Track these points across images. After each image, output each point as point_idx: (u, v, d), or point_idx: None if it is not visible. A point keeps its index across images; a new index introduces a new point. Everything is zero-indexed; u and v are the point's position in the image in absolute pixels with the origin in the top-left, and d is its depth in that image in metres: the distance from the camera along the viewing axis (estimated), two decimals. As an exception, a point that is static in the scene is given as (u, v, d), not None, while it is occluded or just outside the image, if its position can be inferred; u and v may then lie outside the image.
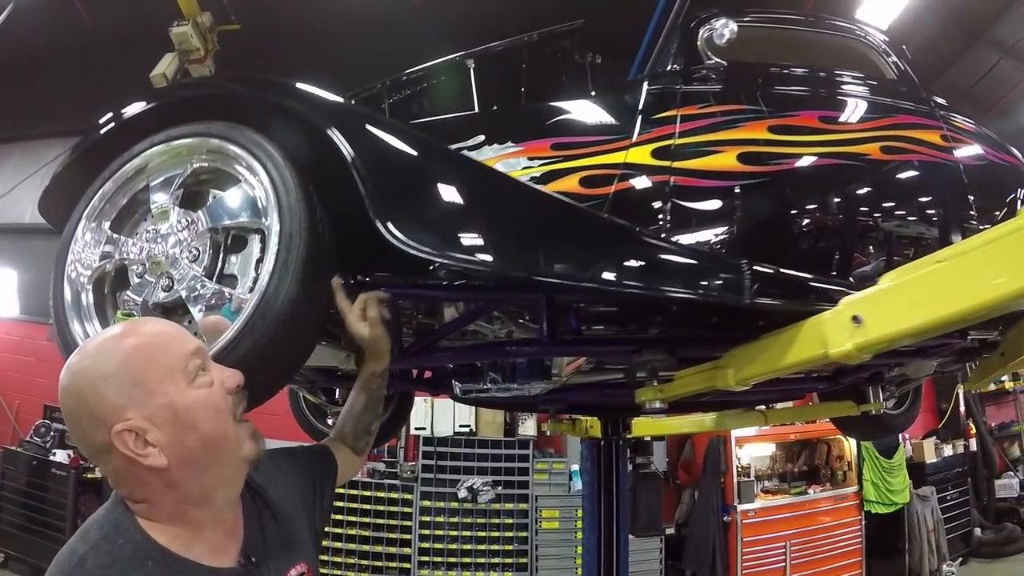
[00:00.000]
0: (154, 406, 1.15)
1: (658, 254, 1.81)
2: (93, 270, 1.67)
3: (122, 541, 1.13)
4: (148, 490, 1.17)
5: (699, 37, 2.31)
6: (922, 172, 2.39)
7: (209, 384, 1.22)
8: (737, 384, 1.82)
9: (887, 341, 1.50)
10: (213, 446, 1.20)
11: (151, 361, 1.17)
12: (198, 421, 1.18)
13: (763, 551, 7.50)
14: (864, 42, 2.76)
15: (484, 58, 2.69)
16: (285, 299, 1.43)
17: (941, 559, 8.54)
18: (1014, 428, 11.71)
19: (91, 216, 1.71)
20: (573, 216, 1.78)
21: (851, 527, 8.22)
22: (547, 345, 1.89)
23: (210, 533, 1.23)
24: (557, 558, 7.21)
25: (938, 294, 1.44)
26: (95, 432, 1.14)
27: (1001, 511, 10.28)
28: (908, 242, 2.32)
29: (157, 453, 1.14)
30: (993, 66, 8.51)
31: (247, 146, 1.59)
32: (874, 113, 2.40)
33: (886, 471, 8.43)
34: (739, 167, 2.10)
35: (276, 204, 1.50)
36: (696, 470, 8.13)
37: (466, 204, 1.66)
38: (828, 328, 1.57)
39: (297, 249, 1.46)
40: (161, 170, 1.70)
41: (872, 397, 3.87)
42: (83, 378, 1.16)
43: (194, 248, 1.58)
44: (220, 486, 1.25)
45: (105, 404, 1.13)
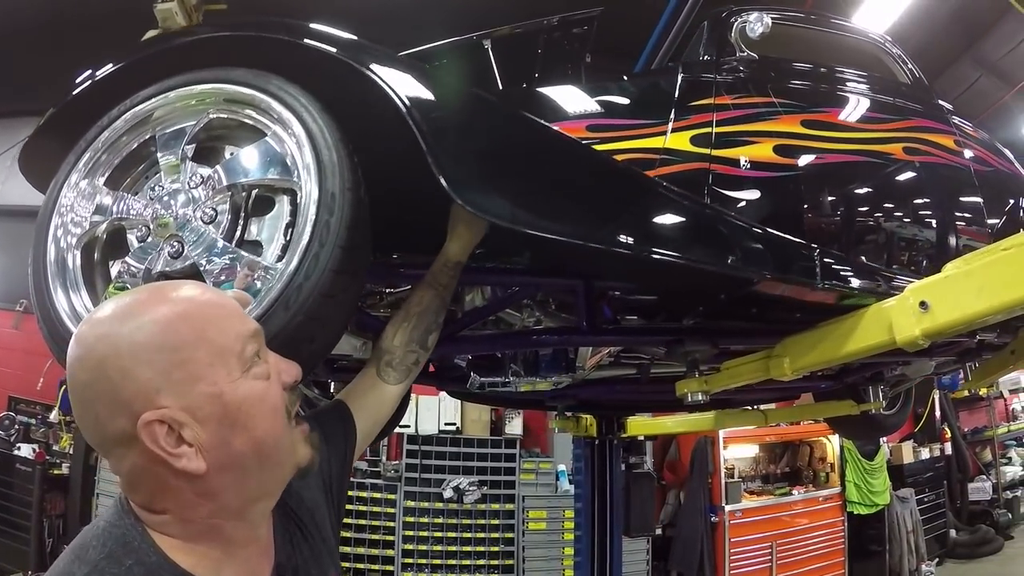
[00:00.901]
0: (198, 395, 0.91)
1: (741, 236, 1.76)
2: (83, 231, 1.44)
3: (131, 562, 0.90)
4: (174, 499, 0.93)
5: (732, 29, 2.31)
6: (940, 173, 2.46)
7: (266, 376, 0.99)
8: (793, 373, 1.79)
9: (954, 326, 1.53)
10: (264, 452, 0.97)
11: (201, 337, 0.93)
12: (251, 420, 0.95)
13: (750, 551, 7.53)
14: (881, 47, 2.82)
15: (501, 40, 2.62)
16: (327, 269, 1.25)
17: (920, 559, 8.71)
18: (987, 433, 12.00)
19: (84, 169, 1.48)
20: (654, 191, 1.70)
21: (834, 527, 8.31)
22: (587, 334, 1.83)
23: (243, 553, 1.01)
24: (544, 559, 7.16)
25: (1005, 280, 1.48)
26: (114, 418, 0.90)
27: (974, 513, 10.55)
28: (929, 238, 2.37)
29: (194, 454, 0.90)
30: (974, 82, 8.72)
31: (278, 95, 1.39)
32: (895, 115, 2.46)
33: (868, 473, 8.55)
34: (776, 159, 2.10)
35: (315, 160, 1.32)
36: (682, 471, 8.14)
37: (540, 169, 1.54)
38: (895, 314, 1.58)
39: (341, 211, 1.29)
40: (170, 120, 1.47)
41: (872, 396, 3.93)
42: (108, 346, 0.91)
43: (210, 208, 1.37)
44: (263, 498, 1.03)
45: (134, 384, 0.89)
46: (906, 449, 9.82)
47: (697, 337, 1.95)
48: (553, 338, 2.12)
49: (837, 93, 2.42)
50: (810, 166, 2.16)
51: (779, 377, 1.83)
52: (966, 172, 2.53)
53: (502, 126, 1.58)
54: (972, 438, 11.94)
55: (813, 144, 2.18)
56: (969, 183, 2.52)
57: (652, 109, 2.09)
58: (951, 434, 10.96)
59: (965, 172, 2.53)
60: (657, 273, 1.66)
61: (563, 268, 1.85)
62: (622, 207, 1.54)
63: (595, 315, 1.84)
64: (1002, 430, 12.27)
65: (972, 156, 2.60)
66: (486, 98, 1.62)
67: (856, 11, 6.67)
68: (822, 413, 4.52)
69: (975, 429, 12.19)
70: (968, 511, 10.57)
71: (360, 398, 1.47)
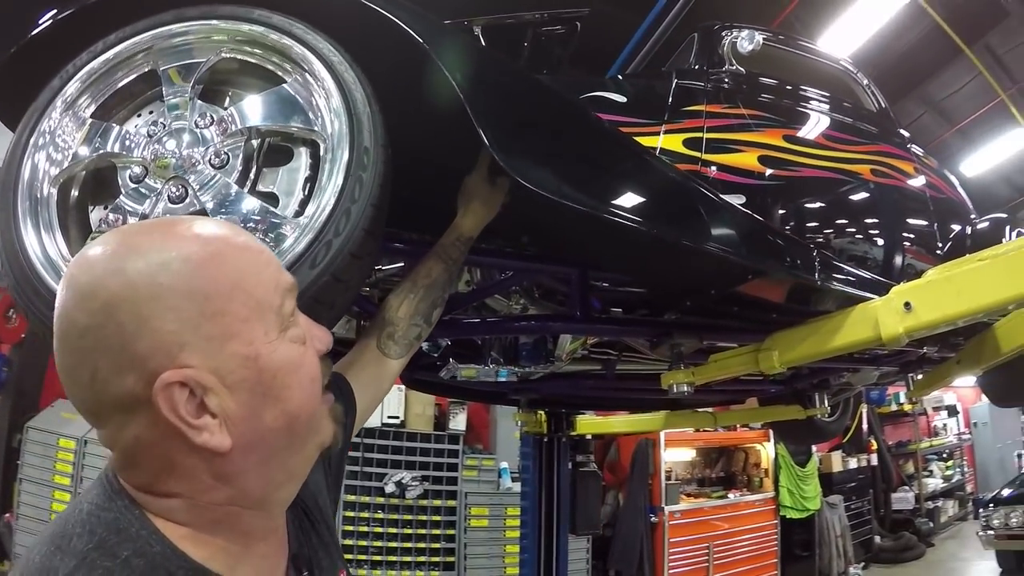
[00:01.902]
0: (230, 356, 0.74)
1: (755, 230, 1.83)
2: (66, 164, 1.28)
3: (128, 553, 0.72)
4: (185, 481, 0.76)
5: (723, 42, 2.41)
6: (901, 196, 2.64)
7: (302, 340, 0.83)
8: (781, 366, 1.86)
9: (934, 325, 1.65)
10: (295, 430, 0.81)
11: (237, 285, 0.76)
12: (286, 391, 0.79)
13: (688, 551, 7.67)
14: (852, 76, 2.99)
15: (491, 28, 2.63)
16: (358, 227, 1.17)
17: (848, 562, 9.17)
18: (910, 447, 12.62)
19: (69, 98, 1.32)
20: (682, 181, 1.74)
21: (768, 530, 8.58)
22: (581, 322, 1.85)
23: (261, 547, 0.85)
24: (486, 557, 7.14)
25: (980, 286, 1.61)
26: (119, 376, 0.71)
27: (897, 521, 11.12)
28: (880, 255, 2.51)
29: (217, 427, 0.74)
30: (918, 118, 9.28)
31: (304, 41, 1.29)
32: (864, 139, 2.60)
33: (800, 479, 8.89)
34: (759, 168, 2.18)
35: (346, 112, 1.23)
36: (621, 472, 8.25)
37: (581, 145, 1.53)
38: (880, 313, 1.70)
39: (374, 167, 1.21)
40: (175, 55, 1.33)
41: (818, 402, 4.09)
42: (122, 284, 0.71)
43: (223, 152, 1.24)
44: (286, 482, 0.86)
45: (153, 336, 0.71)
46: (835, 458, 10.29)
47: (685, 330, 2.00)
48: (549, 324, 2.15)
49: (815, 113, 2.54)
50: (789, 178, 2.26)
51: (768, 370, 1.90)
52: (923, 196, 2.72)
53: (546, 101, 1.56)
54: (896, 451, 12.59)
55: (793, 158, 2.28)
56: (924, 207, 2.71)
57: (648, 109, 2.15)
58: (877, 446, 11.54)
59: (922, 196, 2.72)
60: (668, 261, 1.70)
61: (558, 255, 1.87)
62: (654, 193, 1.58)
63: (587, 304, 1.87)
64: (924, 444, 12.97)
65: (928, 183, 2.79)
66: (530, 74, 1.63)
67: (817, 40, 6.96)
68: (771, 417, 4.67)
69: (899, 442, 12.84)
70: (892, 519, 11.16)
71: (360, 372, 1.36)
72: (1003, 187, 11.83)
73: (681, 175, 1.74)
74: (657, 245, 1.52)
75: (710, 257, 1.55)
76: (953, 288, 1.61)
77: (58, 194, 1.27)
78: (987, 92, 8.78)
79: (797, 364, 1.93)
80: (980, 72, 8.37)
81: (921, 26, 7.60)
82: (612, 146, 1.60)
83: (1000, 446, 14.03)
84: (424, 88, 1.31)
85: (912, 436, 12.89)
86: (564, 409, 4.62)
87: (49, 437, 5.86)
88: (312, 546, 0.98)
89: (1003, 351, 2.50)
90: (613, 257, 1.85)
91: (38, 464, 5.86)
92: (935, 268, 1.78)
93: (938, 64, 8.42)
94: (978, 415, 14.56)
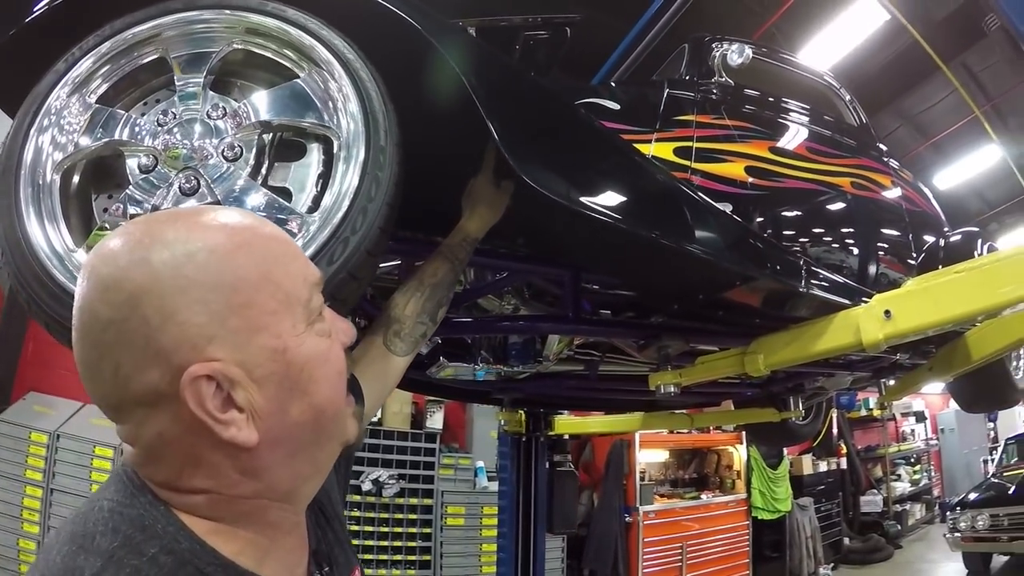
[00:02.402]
0: (258, 349, 0.73)
1: (746, 238, 1.89)
2: (67, 154, 1.24)
3: (155, 550, 0.70)
4: (211, 476, 0.74)
5: (714, 54, 2.47)
6: (878, 208, 2.73)
7: (328, 334, 0.82)
8: (767, 369, 1.92)
9: (912, 332, 1.74)
10: (322, 424, 0.80)
11: (265, 277, 0.75)
12: (313, 385, 0.77)
13: (661, 551, 7.76)
14: (835, 91, 3.08)
15: (486, 29, 2.65)
16: (374, 225, 1.18)
17: (817, 563, 9.36)
18: (879, 451, 12.89)
19: (74, 81, 1.28)
20: (682, 191, 1.79)
21: (740, 531, 8.71)
22: (572, 323, 1.90)
23: (287, 541, 0.83)
24: (462, 556, 7.15)
25: (957, 297, 1.69)
26: (143, 371, 0.69)
27: (866, 524, 11.36)
28: (855, 264, 2.58)
29: (244, 422, 0.72)
30: (893, 131, 9.53)
31: (320, 36, 1.28)
32: (846, 152, 2.69)
33: (772, 481, 9.04)
34: (746, 178, 2.25)
35: (362, 111, 1.24)
36: (596, 472, 8.31)
37: (585, 149, 1.57)
38: (862, 320, 1.78)
39: (390, 167, 1.22)
40: (184, 44, 1.31)
41: (792, 405, 4.17)
42: (147, 276, 0.70)
43: (237, 144, 1.23)
44: (312, 476, 0.86)
45: (179, 329, 0.69)
46: (806, 461, 10.49)
47: (674, 333, 2.05)
48: (543, 324, 2.19)
49: (799, 126, 2.62)
50: (774, 188, 2.33)
51: (753, 373, 1.96)
52: (899, 209, 2.82)
53: (551, 105, 1.58)
54: (865, 455, 12.85)
55: (778, 169, 2.35)
56: (900, 219, 2.80)
57: (641, 117, 2.21)
58: (846, 450, 11.77)
59: (898, 209, 2.82)
60: (663, 265, 1.75)
61: (553, 256, 1.92)
62: (655, 201, 1.63)
63: (579, 305, 1.92)
64: (893, 449, 13.26)
65: (904, 196, 2.89)
66: (539, 80, 1.65)
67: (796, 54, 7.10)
68: (746, 419, 4.75)
69: (868, 447, 13.11)
70: (860, 521, 11.41)
71: (366, 368, 1.35)
72: (975, 201, 12.14)
73: (679, 184, 1.80)
74: (655, 250, 1.57)
75: (704, 262, 1.61)
76: (931, 298, 1.69)
77: (61, 181, 1.23)
78: (962, 108, 9.03)
79: (781, 367, 1.99)
80: (956, 88, 8.60)
81: (900, 41, 7.78)
82: (614, 152, 1.64)
83: (967, 452, 14.37)
84: (433, 85, 1.32)
85: (881, 441, 13.18)
86: (544, 409, 4.67)
87: (21, 431, 5.76)
88: (328, 542, 0.96)
89: (973, 359, 2.58)
90: (609, 260, 1.89)
91: (9, 459, 5.71)
92: (914, 279, 1.85)
93: (915, 79, 8.64)
94: (945, 421, 14.90)
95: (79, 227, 1.25)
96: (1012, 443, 10.36)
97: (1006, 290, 1.64)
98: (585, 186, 1.44)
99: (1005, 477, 8.94)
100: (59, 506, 5.37)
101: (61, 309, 1.12)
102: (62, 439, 5.59)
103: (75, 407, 5.79)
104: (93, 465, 5.53)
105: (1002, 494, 8.22)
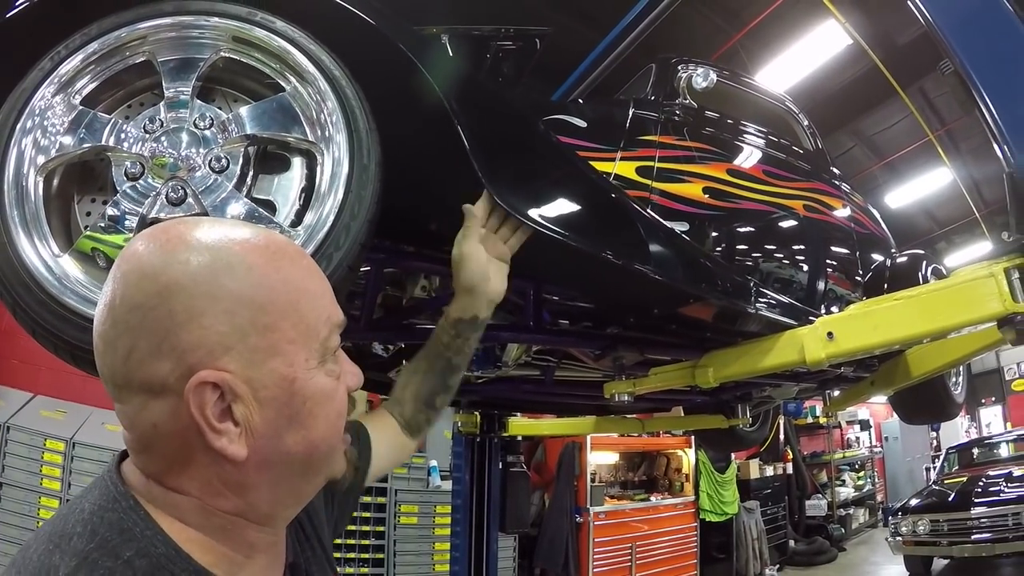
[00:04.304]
0: (269, 372, 0.75)
1: (700, 260, 1.98)
2: (54, 153, 1.22)
3: (131, 553, 0.71)
4: (197, 478, 0.76)
5: (680, 76, 2.55)
6: (829, 232, 2.85)
7: (337, 376, 0.83)
8: (716, 381, 2.01)
9: (853, 353, 1.86)
10: (314, 460, 0.82)
11: (293, 307, 0.78)
12: (312, 420, 0.79)
13: (612, 551, 7.88)
14: (793, 116, 3.20)
15: (459, 37, 2.67)
16: (356, 242, 1.21)
17: (764, 564, 9.62)
18: (824, 457, 13.23)
19: (60, 80, 1.25)
20: (629, 209, 1.85)
21: (688, 532, 8.89)
22: (534, 332, 1.96)
23: (262, 559, 0.85)
24: (415, 554, 7.15)
25: (894, 322, 1.81)
26: (155, 360, 0.72)
27: (811, 527, 11.67)
28: (815, 284, 2.69)
29: (237, 436, 0.74)
30: (848, 150, 9.93)
31: (306, 50, 1.28)
32: (800, 176, 2.80)
33: (720, 484, 9.25)
34: (703, 198, 2.33)
35: (346, 128, 1.25)
36: (547, 473, 8.40)
37: (555, 176, 1.62)
38: (806, 340, 1.90)
39: (372, 185, 1.24)
40: (171, 48, 1.29)
41: (740, 413, 4.29)
42: (185, 275, 0.73)
43: (223, 156, 1.23)
44: (293, 505, 0.87)
45: (201, 332, 0.72)
46: (753, 466, 10.74)
47: (629, 344, 2.13)
48: (504, 334, 2.23)
49: (757, 150, 2.72)
50: (730, 209, 2.42)
51: (704, 385, 2.06)
52: (848, 231, 2.95)
53: (531, 139, 1.65)
54: (811, 461, 13.20)
55: (734, 191, 2.44)
56: (850, 242, 2.94)
57: (606, 136, 2.27)
58: (793, 456, 12.06)
59: (848, 230, 2.95)
60: (624, 284, 1.81)
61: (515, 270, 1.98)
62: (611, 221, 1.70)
63: (541, 315, 1.98)
64: (838, 455, 13.64)
65: (853, 218, 3.03)
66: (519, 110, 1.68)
67: (760, 71, 7.27)
68: (695, 425, 4.88)
69: (814, 453, 13.46)
70: (805, 524, 11.72)
71: (380, 431, 1.33)
72: (924, 220, 12.57)
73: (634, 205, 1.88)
74: (610, 268, 1.63)
75: (656, 282, 1.69)
76: (870, 323, 1.81)
77: (44, 184, 1.22)
78: (917, 131, 9.39)
79: (731, 380, 2.09)
80: (912, 113, 8.89)
81: (861, 64, 8.02)
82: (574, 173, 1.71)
83: (909, 459, 14.86)
84: (410, 98, 1.34)
85: (826, 447, 13.54)
86: (499, 411, 4.73)
87: (35, 438, 5.42)
88: (307, 558, 0.97)
89: (913, 375, 2.72)
90: (568, 276, 1.96)
91: (23, 467, 5.35)
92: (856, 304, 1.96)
93: (874, 101, 8.94)
94: (889, 430, 15.38)
95: (60, 230, 1.24)
96: (954, 452, 10.73)
97: (937, 319, 1.75)
98: (546, 206, 1.49)
99: (946, 484, 9.24)
100: (8, 500, 5.23)
101: (47, 314, 1.14)
102: (12, 431, 5.41)
103: (25, 398, 5.63)
104: (43, 459, 5.35)
105: (942, 500, 8.50)
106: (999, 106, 1.70)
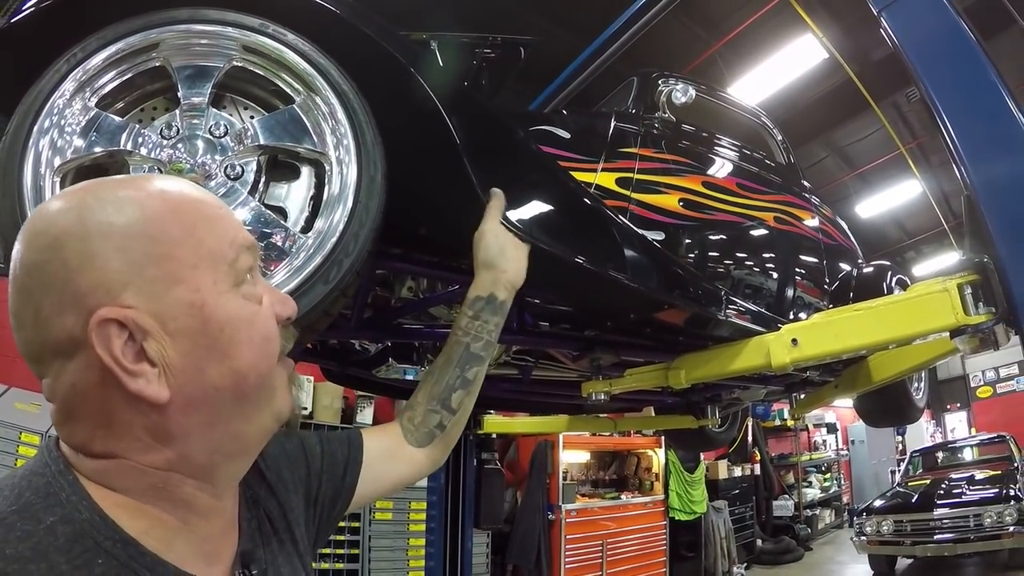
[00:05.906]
0: (174, 301, 0.72)
1: (675, 269, 2.07)
2: (71, 155, 1.23)
3: (54, 519, 0.68)
4: (123, 437, 0.72)
5: (660, 90, 2.65)
6: (798, 242, 2.97)
7: (258, 300, 0.80)
8: (687, 382, 2.13)
9: (815, 358, 1.97)
10: (243, 391, 0.77)
11: (189, 233, 0.74)
12: (234, 347, 0.75)
13: (583, 548, 8.01)
14: (767, 130, 3.31)
15: (447, 44, 2.73)
16: (363, 249, 1.26)
17: (731, 562, 9.85)
18: (791, 459, 13.50)
19: (76, 82, 1.26)
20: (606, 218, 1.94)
21: (658, 530, 9.08)
22: (516, 333, 2.05)
23: (203, 527, 0.79)
24: (389, 550, 7.14)
25: (855, 331, 1.92)
26: (60, 315, 0.69)
27: (778, 527, 11.93)
28: (775, 290, 2.80)
29: (155, 376, 0.71)
30: (821, 160, 10.17)
31: (316, 64, 1.32)
32: (772, 189, 2.90)
33: (689, 484, 9.44)
34: (680, 210, 2.42)
35: (355, 141, 1.30)
36: (520, 471, 8.49)
37: (547, 192, 1.70)
38: (772, 345, 2.02)
39: (378, 197, 1.29)
40: (185, 55, 1.31)
41: (709, 414, 4.41)
42: (72, 221, 0.70)
43: (237, 164, 1.26)
44: (236, 455, 0.82)
45: (95, 273, 0.69)
46: (721, 466, 10.97)
47: (606, 346, 2.23)
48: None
49: (731, 163, 2.82)
50: (704, 220, 2.51)
51: (675, 385, 2.17)
52: (816, 242, 3.07)
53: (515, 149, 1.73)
54: (778, 462, 13.46)
55: (709, 202, 2.53)
56: (817, 252, 3.05)
57: (589, 147, 2.35)
58: (760, 457, 12.31)
59: (816, 242, 3.07)
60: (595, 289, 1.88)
61: None
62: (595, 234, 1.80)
63: (522, 317, 2.08)
64: (805, 457, 13.93)
65: (822, 230, 3.15)
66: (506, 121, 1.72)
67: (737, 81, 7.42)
68: (665, 425, 4.98)
69: (781, 455, 13.73)
70: (772, 524, 11.99)
71: (377, 439, 1.23)
72: (894, 230, 12.86)
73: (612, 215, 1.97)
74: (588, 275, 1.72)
75: (630, 289, 1.79)
76: (832, 331, 1.93)
77: (60, 185, 1.22)
78: (889, 144, 9.64)
79: (702, 381, 2.21)
80: (884, 126, 9.13)
81: (836, 78, 8.24)
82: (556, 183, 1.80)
83: (875, 462, 15.20)
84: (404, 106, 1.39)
85: (793, 449, 13.82)
86: (474, 408, 4.78)
87: (10, 431, 5.25)
88: (271, 551, 0.91)
89: (874, 380, 2.86)
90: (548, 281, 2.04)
91: None
92: (820, 313, 2.08)
93: (847, 113, 9.16)
94: (856, 433, 15.73)
95: None
96: (918, 455, 11.07)
97: (895, 329, 1.87)
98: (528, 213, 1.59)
99: (910, 487, 9.51)
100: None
101: None
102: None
103: (-1, 390, 5.57)
104: (19, 452, 5.19)
105: (906, 502, 8.75)
106: (959, 131, 1.80)
